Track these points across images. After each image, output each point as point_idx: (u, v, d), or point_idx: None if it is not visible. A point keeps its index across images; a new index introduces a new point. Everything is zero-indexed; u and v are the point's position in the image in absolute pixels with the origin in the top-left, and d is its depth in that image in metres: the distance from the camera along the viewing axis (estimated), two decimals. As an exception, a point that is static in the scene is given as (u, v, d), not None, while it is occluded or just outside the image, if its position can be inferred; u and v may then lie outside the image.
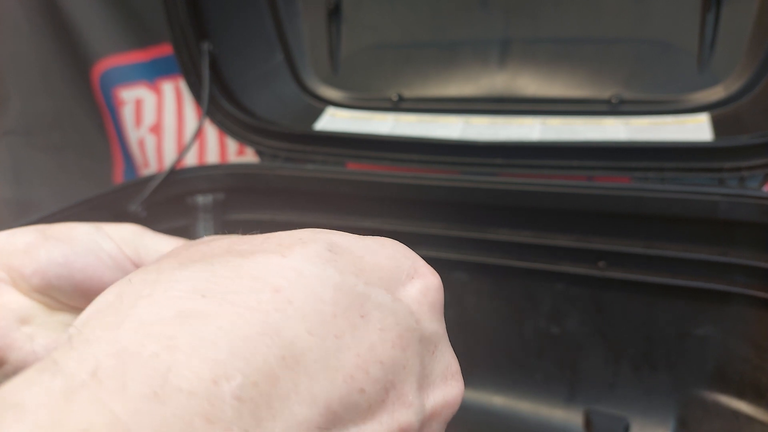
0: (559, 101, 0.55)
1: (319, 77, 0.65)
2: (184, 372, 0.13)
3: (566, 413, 0.51)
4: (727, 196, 0.41)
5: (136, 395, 0.12)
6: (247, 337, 0.14)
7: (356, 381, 0.15)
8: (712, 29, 0.49)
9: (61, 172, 0.85)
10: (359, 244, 0.19)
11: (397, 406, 0.16)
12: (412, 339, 0.17)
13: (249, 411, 0.13)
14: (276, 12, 0.62)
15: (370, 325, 0.16)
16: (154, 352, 0.13)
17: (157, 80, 0.82)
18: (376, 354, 0.16)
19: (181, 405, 0.12)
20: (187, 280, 0.15)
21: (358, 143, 0.55)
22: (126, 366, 0.13)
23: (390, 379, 0.16)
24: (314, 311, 0.15)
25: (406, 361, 0.17)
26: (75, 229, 0.28)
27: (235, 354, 0.13)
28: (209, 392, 0.13)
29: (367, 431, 0.15)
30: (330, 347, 0.15)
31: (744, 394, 0.45)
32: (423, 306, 0.19)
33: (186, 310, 0.14)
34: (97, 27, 0.79)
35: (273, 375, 0.14)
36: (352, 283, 0.16)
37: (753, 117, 0.47)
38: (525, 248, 0.49)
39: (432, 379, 0.18)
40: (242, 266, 0.16)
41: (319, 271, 0.16)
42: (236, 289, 0.15)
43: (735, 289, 0.43)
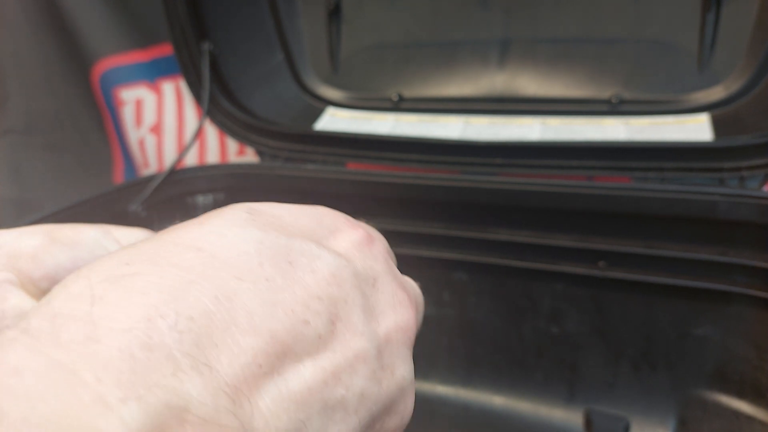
0: (559, 101, 0.55)
1: (319, 77, 0.65)
2: (117, 316, 0.13)
3: (566, 413, 0.51)
4: (727, 196, 0.41)
5: (69, 340, 0.12)
6: (174, 285, 0.14)
7: (297, 314, 0.16)
8: (712, 29, 0.49)
9: (61, 172, 0.85)
10: (279, 207, 0.19)
11: (348, 335, 0.17)
12: (346, 276, 0.18)
13: (189, 340, 0.13)
14: (276, 12, 0.62)
15: (300, 268, 0.17)
16: (85, 310, 0.13)
17: (157, 80, 0.82)
18: (311, 291, 0.16)
19: (117, 339, 0.13)
20: (112, 259, 0.15)
21: (358, 143, 0.55)
22: (56, 322, 0.13)
23: (333, 311, 0.17)
24: (239, 262, 0.16)
25: (345, 295, 0.17)
26: (83, 232, 0.28)
27: (166, 297, 0.14)
28: (145, 327, 0.13)
29: (324, 360, 0.16)
30: (262, 288, 0.15)
31: (744, 394, 0.45)
32: (351, 250, 0.19)
33: (111, 276, 0.14)
34: (97, 27, 0.79)
35: (207, 311, 0.14)
36: (274, 237, 0.17)
37: (753, 117, 0.47)
38: (525, 248, 0.49)
39: (380, 309, 0.19)
40: (163, 239, 0.16)
41: (239, 230, 0.17)
42: (159, 254, 0.15)
43: (735, 289, 0.43)
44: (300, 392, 0.15)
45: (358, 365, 0.17)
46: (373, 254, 0.20)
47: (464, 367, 0.55)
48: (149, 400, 0.12)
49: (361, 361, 0.17)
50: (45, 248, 0.26)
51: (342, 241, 0.20)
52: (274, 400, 0.15)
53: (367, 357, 0.17)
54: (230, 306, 0.15)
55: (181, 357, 0.13)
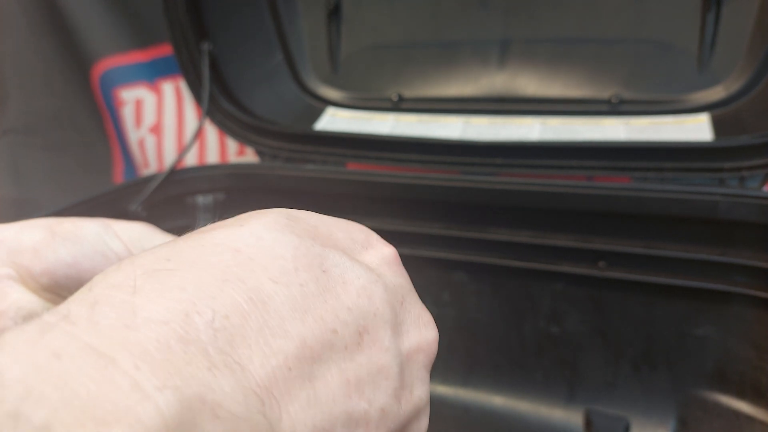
0: (558, 101, 0.55)
1: (319, 77, 0.65)
2: (155, 308, 0.13)
3: (566, 413, 0.51)
4: (727, 196, 0.41)
5: (107, 327, 0.13)
6: (211, 283, 0.14)
7: (326, 322, 0.16)
8: (712, 29, 0.49)
9: (61, 172, 0.85)
10: (315, 217, 0.19)
11: (374, 350, 0.17)
12: (376, 290, 0.18)
13: (224, 338, 0.14)
14: (276, 12, 0.62)
15: (332, 278, 0.17)
16: (122, 299, 0.13)
17: (157, 80, 0.82)
18: (342, 301, 0.16)
19: (155, 330, 0.13)
20: (152, 254, 0.15)
21: (358, 143, 0.55)
22: (96, 309, 0.13)
23: (362, 324, 0.17)
24: (275, 266, 0.16)
25: (375, 309, 0.17)
26: (84, 228, 0.28)
27: (203, 295, 0.14)
28: (182, 322, 0.13)
29: (349, 372, 0.16)
30: (296, 293, 0.16)
31: (744, 394, 0.45)
32: (381, 266, 0.20)
33: (151, 270, 0.15)
34: (97, 27, 0.79)
35: (242, 311, 0.14)
36: (310, 244, 0.17)
37: (753, 117, 0.47)
38: (525, 248, 0.49)
39: (405, 327, 0.19)
40: (203, 238, 0.16)
41: (278, 234, 0.17)
42: (198, 253, 0.15)
43: (735, 289, 0.43)
44: (326, 401, 0.15)
45: (381, 381, 0.17)
46: (402, 273, 0.21)
47: (464, 367, 0.55)
48: (185, 392, 0.12)
49: (384, 378, 0.17)
50: (46, 243, 0.26)
51: (373, 257, 0.20)
52: (302, 405, 0.15)
53: (390, 374, 0.17)
54: (264, 308, 0.15)
55: (215, 354, 0.13)
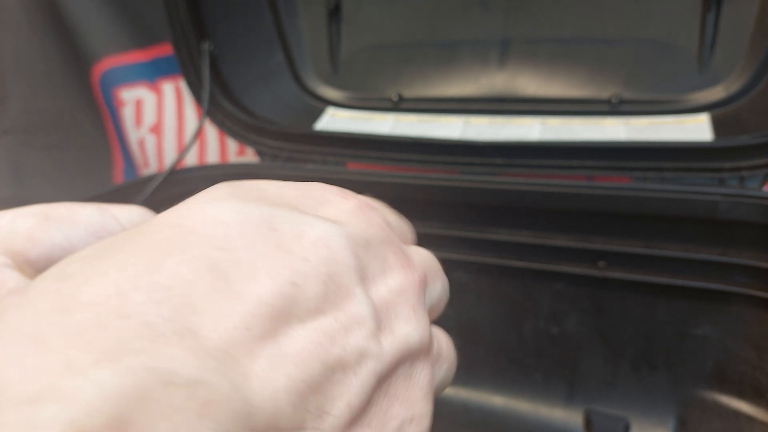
0: (558, 101, 0.55)
1: (319, 77, 0.65)
2: (87, 290, 0.13)
3: (566, 413, 0.51)
4: (727, 196, 0.41)
5: (38, 312, 0.13)
6: (152, 259, 0.14)
7: (282, 277, 0.15)
8: (712, 29, 0.49)
9: (60, 172, 0.85)
10: (264, 182, 0.19)
11: (340, 296, 0.16)
12: (335, 236, 0.17)
13: (168, 309, 0.13)
14: (276, 12, 0.62)
15: (283, 234, 0.16)
16: (55, 287, 0.13)
17: (157, 80, 0.82)
18: (297, 253, 0.16)
19: (90, 311, 0.13)
20: (96, 244, 0.15)
21: (358, 143, 0.55)
22: (26, 298, 0.13)
23: (323, 272, 0.16)
24: (218, 233, 0.15)
25: (335, 255, 0.17)
26: (78, 212, 0.27)
27: (140, 270, 0.14)
28: (118, 299, 0.13)
29: (316, 321, 0.15)
30: (242, 255, 0.15)
31: (744, 394, 0.45)
32: (340, 216, 0.19)
33: (89, 255, 0.15)
34: (97, 27, 0.79)
35: (186, 280, 0.14)
36: (254, 206, 0.17)
37: (753, 117, 0.47)
38: (525, 248, 0.49)
39: (372, 271, 0.18)
40: (146, 223, 0.16)
41: (218, 203, 0.16)
42: (139, 236, 0.15)
43: (735, 289, 0.43)
44: (296, 353, 0.15)
45: (353, 325, 0.16)
46: (367, 220, 0.20)
47: (464, 367, 0.55)
48: (127, 363, 0.12)
49: (356, 323, 0.16)
50: (40, 228, 0.26)
51: (332, 211, 0.19)
52: (270, 361, 0.14)
53: (362, 319, 0.17)
54: (210, 275, 0.14)
55: (161, 323, 0.13)
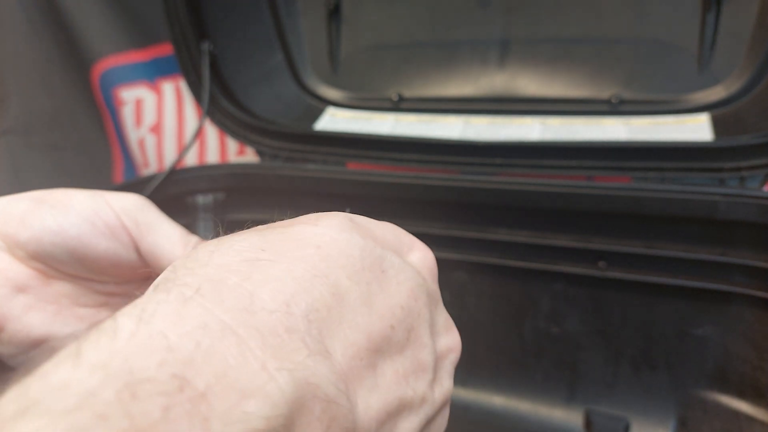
0: (558, 101, 0.55)
1: (319, 77, 0.65)
2: (263, 296, 0.16)
3: (566, 413, 0.51)
4: (727, 196, 0.41)
5: (232, 307, 0.15)
6: (304, 277, 0.17)
7: (386, 319, 0.18)
8: (712, 29, 0.49)
9: (60, 172, 0.85)
10: (369, 220, 0.22)
11: (417, 345, 0.19)
12: (421, 293, 0.20)
13: (315, 329, 0.16)
14: (276, 12, 0.62)
15: (389, 278, 0.19)
16: (236, 282, 0.16)
17: (157, 80, 0.82)
18: (397, 300, 0.19)
19: (266, 318, 0.15)
20: (245, 241, 0.18)
21: (358, 143, 0.55)
22: (219, 288, 0.15)
23: (409, 322, 0.19)
24: (348, 264, 0.18)
25: (419, 309, 0.20)
26: (73, 197, 0.28)
27: (298, 287, 0.16)
28: (285, 312, 0.16)
29: (398, 364, 0.19)
30: (363, 291, 0.18)
31: (744, 394, 0.45)
32: (424, 270, 0.22)
33: (251, 258, 0.17)
34: (97, 27, 0.79)
35: (328, 305, 0.17)
36: (372, 246, 0.19)
37: (753, 117, 0.47)
38: (525, 248, 0.49)
39: (437, 329, 0.22)
40: (285, 232, 0.19)
41: (346, 235, 0.19)
42: (286, 246, 0.18)
43: (735, 289, 0.43)
44: (384, 388, 0.18)
45: (420, 373, 0.19)
46: (435, 278, 0.23)
47: (464, 367, 0.55)
48: (296, 375, 0.14)
49: (423, 371, 0.20)
50: (32, 211, 0.27)
51: (416, 259, 0.23)
52: (368, 391, 0.17)
53: (427, 367, 0.20)
54: (342, 303, 0.17)
55: (310, 342, 0.15)
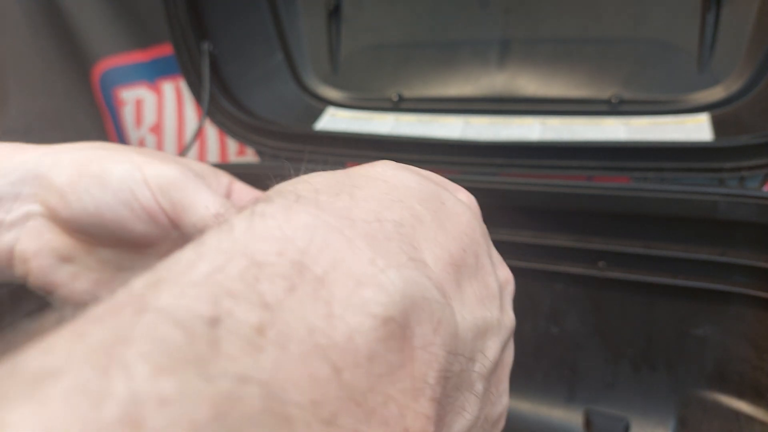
0: (558, 101, 0.55)
1: (319, 77, 0.65)
2: (357, 211, 0.16)
3: (566, 413, 0.51)
4: (727, 196, 0.41)
5: (334, 214, 0.16)
6: (385, 200, 0.18)
7: (458, 242, 0.19)
8: (712, 29, 0.49)
9: (61, 172, 0.85)
10: (412, 166, 0.23)
11: (484, 272, 0.20)
12: (476, 225, 0.21)
13: (407, 240, 0.17)
14: (276, 12, 0.62)
15: (449, 209, 0.20)
16: (328, 200, 0.17)
17: (157, 80, 0.82)
18: (460, 228, 0.20)
19: (365, 226, 0.16)
20: (322, 177, 0.19)
21: (358, 143, 0.55)
22: (316, 200, 0.16)
23: (474, 249, 0.20)
24: (414, 193, 0.19)
25: (478, 239, 0.20)
26: (111, 172, 0.28)
27: (383, 207, 0.17)
28: (379, 224, 0.16)
29: (475, 285, 0.19)
30: (434, 216, 0.19)
31: (744, 394, 0.45)
32: (472, 206, 0.23)
33: (335, 184, 0.18)
34: (97, 27, 0.79)
35: (410, 222, 0.17)
36: (427, 181, 0.20)
37: (753, 117, 0.47)
38: (524, 248, 0.49)
39: (494, 260, 0.22)
40: (352, 172, 0.19)
41: (403, 171, 0.20)
42: (360, 181, 0.19)
43: (735, 289, 0.43)
44: (469, 305, 0.18)
45: (491, 298, 0.20)
46: (481, 218, 0.24)
47: (464, 367, 0.55)
48: (404, 273, 0.15)
49: (492, 296, 0.20)
50: (72, 188, 0.27)
51: (464, 198, 0.23)
52: (461, 304, 0.18)
53: (495, 293, 0.20)
54: (420, 222, 0.18)
55: (407, 250, 0.16)
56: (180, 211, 0.28)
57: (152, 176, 0.28)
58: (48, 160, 0.28)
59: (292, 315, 0.13)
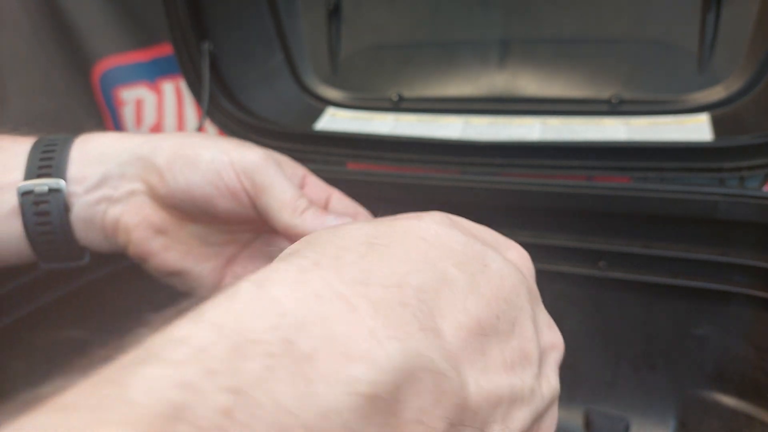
0: (558, 101, 0.55)
1: (319, 77, 0.65)
2: (378, 273, 0.17)
3: (566, 413, 0.51)
4: (727, 196, 0.41)
5: (348, 280, 0.16)
6: (415, 261, 0.18)
7: (492, 308, 0.19)
8: (712, 29, 0.49)
9: (61, 172, 0.85)
10: (467, 221, 0.23)
11: (522, 338, 0.20)
12: (522, 288, 0.21)
13: (426, 307, 0.16)
14: (276, 12, 0.62)
15: (492, 272, 0.20)
16: (353, 260, 0.17)
17: (157, 80, 0.82)
18: (501, 293, 0.19)
19: (380, 292, 0.16)
20: (360, 229, 0.19)
21: (358, 143, 0.55)
22: (337, 264, 0.17)
23: (514, 315, 0.20)
24: (453, 254, 0.19)
25: (522, 304, 0.20)
26: (202, 155, 0.31)
27: (410, 269, 0.17)
28: (398, 289, 0.16)
29: (507, 351, 0.19)
30: (470, 280, 0.18)
31: (744, 394, 0.45)
32: (523, 269, 0.23)
33: (367, 242, 0.18)
34: (97, 27, 0.79)
35: (437, 288, 0.17)
36: (473, 241, 0.20)
37: (753, 117, 0.47)
38: (525, 248, 0.49)
39: (540, 325, 0.22)
40: (394, 225, 0.20)
41: (448, 230, 0.20)
42: (396, 236, 0.19)
43: (735, 289, 0.43)
44: (494, 372, 0.18)
45: (527, 365, 0.20)
46: (534, 278, 0.24)
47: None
48: (407, 345, 0.15)
49: (529, 363, 0.20)
50: (168, 168, 0.31)
51: (515, 257, 0.23)
52: (480, 372, 0.17)
53: (533, 359, 0.20)
54: (450, 288, 0.18)
55: (422, 318, 0.16)
56: (260, 191, 0.31)
57: (237, 160, 0.31)
58: (149, 145, 0.31)
59: (265, 395, 0.13)
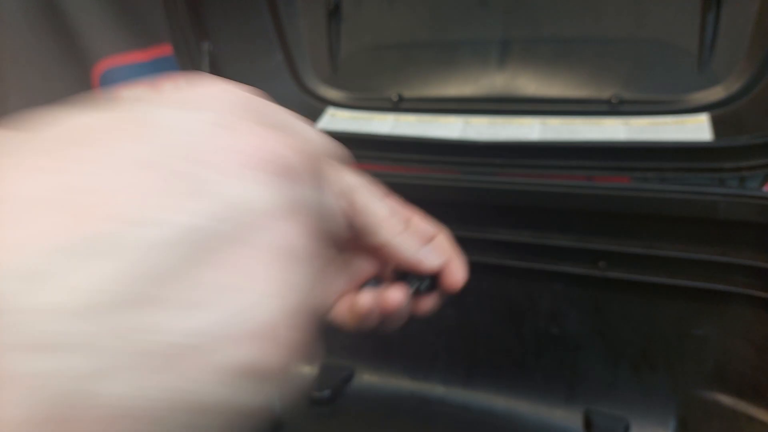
0: (558, 101, 0.55)
1: (319, 77, 0.65)
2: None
3: (566, 413, 0.51)
4: (727, 196, 0.41)
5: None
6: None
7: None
8: (712, 29, 0.49)
9: (61, 172, 0.85)
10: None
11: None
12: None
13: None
14: (276, 12, 0.62)
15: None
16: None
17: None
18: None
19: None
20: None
21: (358, 143, 0.55)
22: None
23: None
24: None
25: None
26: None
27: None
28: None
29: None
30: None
31: (744, 394, 0.45)
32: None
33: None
34: (97, 27, 0.79)
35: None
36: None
37: (753, 117, 0.47)
38: (525, 248, 0.49)
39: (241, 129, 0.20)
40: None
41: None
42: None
43: (735, 289, 0.43)
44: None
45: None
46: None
47: (464, 367, 0.55)
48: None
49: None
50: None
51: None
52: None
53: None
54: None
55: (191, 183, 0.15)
56: (357, 211, 0.31)
57: (335, 181, 0.30)
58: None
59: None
